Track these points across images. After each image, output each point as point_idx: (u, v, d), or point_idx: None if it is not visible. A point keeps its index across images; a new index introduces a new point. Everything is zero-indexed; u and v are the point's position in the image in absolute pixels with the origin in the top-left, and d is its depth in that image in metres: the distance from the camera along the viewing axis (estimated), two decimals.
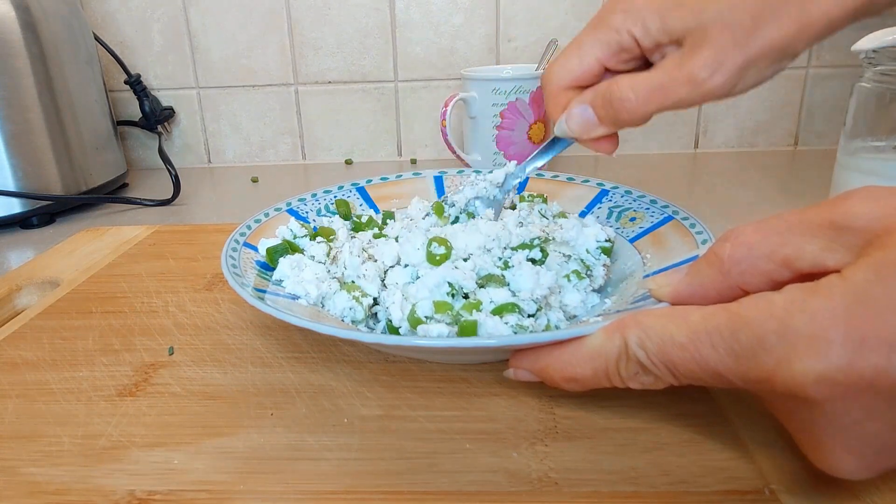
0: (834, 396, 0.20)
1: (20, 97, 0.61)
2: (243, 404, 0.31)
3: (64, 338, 0.38)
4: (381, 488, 0.25)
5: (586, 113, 0.35)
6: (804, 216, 0.23)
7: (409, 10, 0.79)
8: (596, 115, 0.35)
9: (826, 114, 0.81)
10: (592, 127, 0.35)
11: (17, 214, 0.63)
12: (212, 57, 0.82)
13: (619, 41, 0.34)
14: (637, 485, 0.25)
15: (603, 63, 0.35)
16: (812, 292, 0.20)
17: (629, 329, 0.25)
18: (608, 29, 0.34)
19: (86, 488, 0.26)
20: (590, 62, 0.35)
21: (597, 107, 0.35)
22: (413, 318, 0.31)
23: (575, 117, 0.35)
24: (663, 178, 0.73)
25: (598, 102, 0.35)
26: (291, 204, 0.46)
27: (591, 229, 0.38)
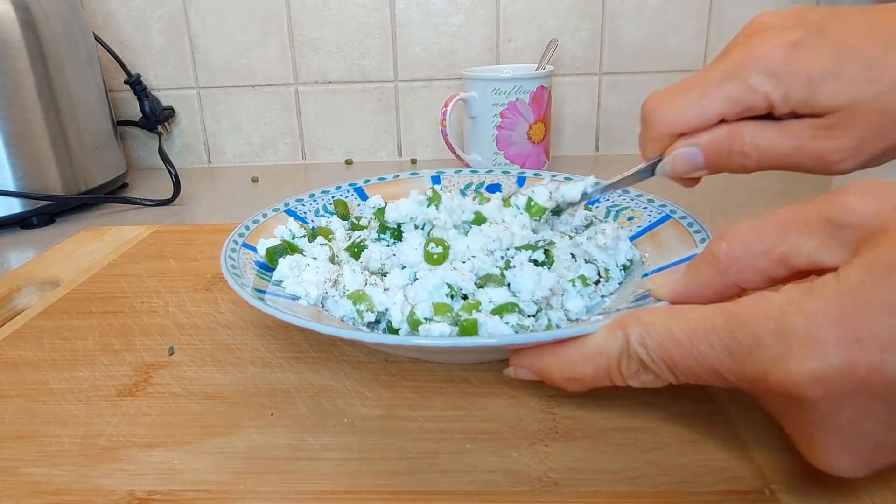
0: (829, 395, 0.20)
1: (20, 97, 0.61)
2: (243, 404, 0.31)
3: (64, 338, 0.38)
4: (381, 488, 0.25)
5: (695, 157, 0.32)
6: (800, 213, 0.23)
7: (409, 10, 0.79)
8: (704, 160, 0.32)
9: None
10: (697, 170, 0.33)
11: (17, 214, 0.63)
12: (212, 57, 0.82)
13: (751, 102, 0.30)
14: (637, 485, 0.25)
15: (724, 118, 0.31)
16: (808, 292, 0.20)
17: (631, 327, 0.25)
18: (741, 86, 0.30)
19: (86, 488, 0.26)
20: (711, 115, 0.31)
21: (709, 153, 0.32)
22: (412, 319, 0.31)
23: (682, 160, 0.33)
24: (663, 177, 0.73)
25: (712, 149, 0.32)
26: (289, 204, 0.46)
27: (624, 244, 0.38)
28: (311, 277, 0.36)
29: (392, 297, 0.34)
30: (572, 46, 0.79)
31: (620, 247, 0.38)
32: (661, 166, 0.34)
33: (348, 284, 0.35)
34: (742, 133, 0.31)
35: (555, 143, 0.84)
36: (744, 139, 0.31)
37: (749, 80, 0.30)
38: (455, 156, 0.72)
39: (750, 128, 0.31)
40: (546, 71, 0.70)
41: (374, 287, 0.35)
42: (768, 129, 0.30)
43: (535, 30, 0.79)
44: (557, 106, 0.82)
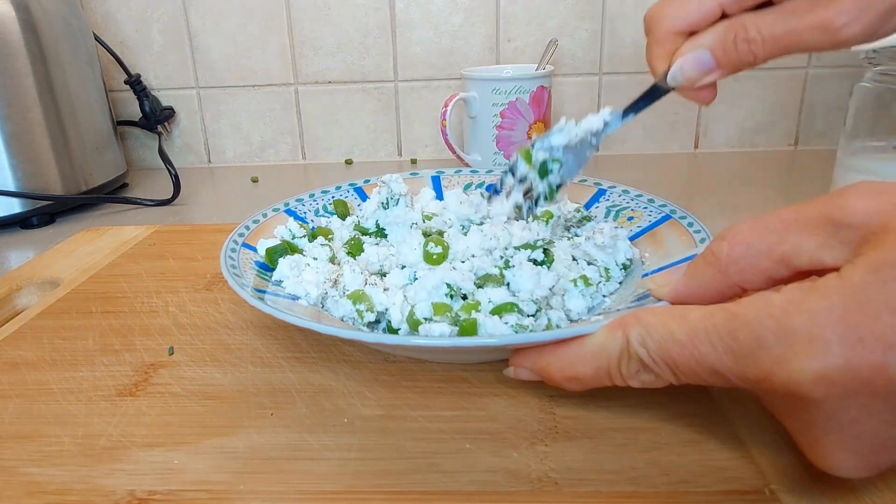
0: (831, 395, 0.20)
1: (20, 97, 0.61)
2: (243, 404, 0.31)
3: (64, 338, 0.38)
4: (381, 488, 0.25)
5: (704, 57, 0.32)
6: (801, 213, 0.23)
7: (409, 10, 0.79)
8: (714, 60, 0.32)
9: (826, 114, 0.81)
10: (709, 72, 0.33)
11: (17, 214, 0.63)
12: (212, 57, 0.82)
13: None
14: (637, 485, 0.25)
15: (724, 7, 0.32)
16: (810, 292, 0.20)
17: (631, 326, 0.25)
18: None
19: (86, 488, 0.26)
20: (711, 5, 0.32)
21: (716, 50, 0.32)
22: (412, 319, 0.31)
23: (691, 63, 0.33)
24: (663, 178, 0.73)
25: (719, 46, 0.32)
26: (289, 204, 0.46)
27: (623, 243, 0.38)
28: (310, 277, 0.36)
29: (392, 297, 0.34)
30: (572, 46, 0.79)
31: (619, 246, 0.38)
32: (672, 74, 0.34)
33: (348, 284, 0.35)
34: (744, 22, 0.31)
35: None
36: (747, 27, 0.31)
37: None
38: (455, 156, 0.72)
39: (751, 16, 0.31)
40: (546, 71, 0.70)
41: (374, 287, 0.35)
42: (769, 13, 0.31)
43: (535, 30, 0.79)
44: (557, 106, 0.82)
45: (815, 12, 0.29)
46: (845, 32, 0.29)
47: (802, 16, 0.30)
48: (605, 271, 0.37)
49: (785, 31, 0.30)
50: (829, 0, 0.29)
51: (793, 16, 0.30)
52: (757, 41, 0.31)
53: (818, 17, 0.29)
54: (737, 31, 0.31)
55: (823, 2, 0.29)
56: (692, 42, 0.33)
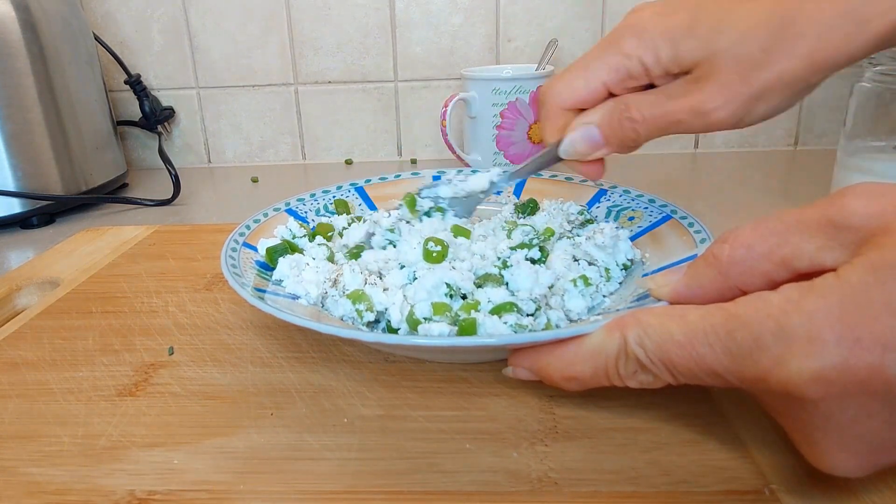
0: (829, 395, 0.20)
1: (20, 97, 0.61)
2: (243, 404, 0.31)
3: (64, 338, 0.38)
4: (381, 488, 0.25)
5: (592, 133, 0.35)
6: (801, 215, 0.23)
7: (409, 10, 0.79)
8: (602, 136, 0.34)
9: (826, 114, 0.81)
10: (596, 147, 0.35)
11: (17, 214, 0.63)
12: (212, 57, 0.82)
13: (628, 67, 0.33)
14: (637, 485, 0.25)
15: (609, 87, 0.34)
16: (808, 292, 0.20)
17: (629, 327, 0.25)
18: (618, 53, 0.33)
19: (86, 488, 0.26)
20: (596, 85, 0.34)
21: (604, 127, 0.34)
22: (412, 319, 0.31)
23: (580, 137, 0.35)
24: (663, 178, 0.73)
25: (605, 123, 0.34)
26: (290, 204, 0.46)
27: (624, 244, 0.38)
28: (310, 277, 0.36)
29: (391, 296, 0.34)
30: (572, 46, 0.79)
31: (620, 246, 0.38)
32: (563, 147, 0.36)
33: (348, 284, 0.35)
34: (627, 102, 0.33)
35: None
36: (630, 107, 0.33)
37: (623, 47, 0.33)
38: (455, 156, 0.72)
39: (634, 97, 0.33)
40: (546, 71, 0.70)
41: (374, 287, 0.35)
42: (650, 94, 0.33)
43: (535, 30, 0.79)
44: None
45: (688, 97, 0.31)
46: (715, 116, 0.31)
47: (677, 99, 0.32)
48: (606, 271, 0.37)
49: (662, 112, 0.32)
50: (700, 87, 0.31)
51: (669, 99, 0.32)
52: (638, 120, 0.33)
53: (690, 101, 0.31)
54: (621, 111, 0.33)
55: (695, 88, 0.31)
56: (582, 118, 0.35)
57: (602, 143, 0.35)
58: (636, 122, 0.33)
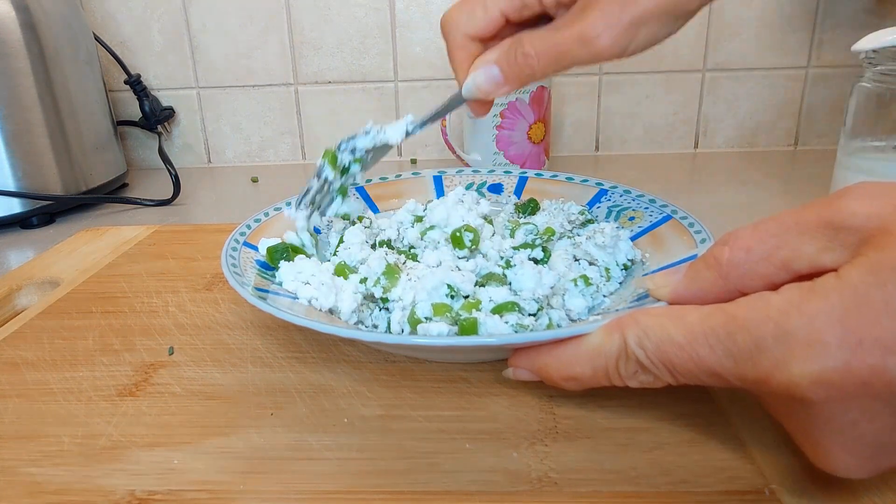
0: (831, 397, 0.20)
1: (20, 97, 0.61)
2: (243, 404, 0.31)
3: (64, 338, 0.38)
4: (381, 488, 0.25)
5: (492, 71, 0.36)
6: (801, 216, 0.23)
7: (409, 10, 0.79)
8: (502, 74, 0.36)
9: (826, 114, 0.81)
10: (499, 86, 0.36)
11: (17, 214, 0.63)
12: (212, 57, 0.82)
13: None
14: (637, 485, 0.25)
15: (506, 15, 0.36)
16: (808, 293, 0.20)
17: (628, 328, 0.25)
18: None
19: (86, 488, 0.26)
20: (494, 14, 0.36)
21: (502, 64, 0.36)
22: (413, 318, 0.31)
23: (482, 76, 0.36)
24: (663, 178, 0.73)
25: (503, 61, 0.35)
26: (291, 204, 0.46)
27: (624, 244, 0.38)
28: (316, 283, 0.36)
29: (402, 290, 0.34)
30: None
31: (621, 246, 0.38)
32: (466, 87, 0.37)
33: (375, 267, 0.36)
34: (522, 39, 0.35)
35: (555, 143, 0.84)
36: (524, 43, 0.35)
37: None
38: (455, 156, 0.72)
39: (528, 33, 0.35)
40: None
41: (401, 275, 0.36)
42: (541, 30, 0.35)
43: None
44: (557, 106, 0.82)
45: (573, 26, 0.33)
46: (598, 43, 0.32)
47: (564, 30, 0.33)
48: (606, 271, 0.37)
49: (552, 44, 0.34)
50: (584, 16, 0.33)
51: (558, 31, 0.34)
52: (531, 55, 0.34)
53: (575, 30, 0.33)
54: (516, 47, 0.35)
55: (580, 17, 0.33)
56: (481, 58, 0.37)
57: (502, 81, 0.36)
58: (530, 56, 0.34)
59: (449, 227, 0.39)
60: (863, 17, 0.76)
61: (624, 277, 0.37)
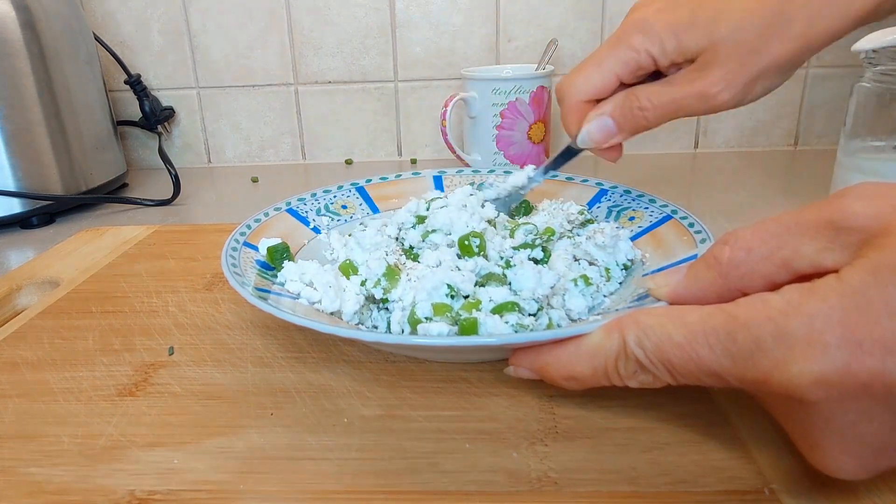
0: (830, 398, 0.20)
1: (20, 97, 0.61)
2: (243, 404, 0.31)
3: (64, 338, 0.38)
4: (381, 488, 0.25)
5: (606, 123, 0.38)
6: (801, 217, 0.23)
7: (409, 10, 0.79)
8: (615, 125, 0.38)
9: (826, 114, 0.81)
10: (612, 136, 0.39)
11: (17, 214, 0.63)
12: (212, 57, 0.82)
13: (637, 60, 0.37)
14: (637, 485, 0.25)
15: (621, 79, 0.38)
16: (809, 294, 0.20)
17: (628, 328, 0.25)
18: (627, 48, 0.37)
19: (86, 488, 0.26)
20: (609, 78, 0.38)
21: (616, 117, 0.38)
22: (413, 319, 0.31)
23: (596, 128, 0.38)
24: (663, 178, 0.73)
25: (618, 113, 0.38)
26: (291, 204, 0.46)
27: (624, 244, 0.38)
28: (349, 289, 0.36)
29: (402, 290, 0.34)
30: (572, 46, 0.79)
31: (621, 246, 0.38)
32: (581, 137, 0.40)
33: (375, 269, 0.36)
34: (637, 93, 0.37)
35: (555, 143, 0.84)
36: (639, 97, 0.37)
37: (631, 42, 0.36)
38: (455, 156, 0.72)
39: (643, 87, 0.37)
40: (546, 71, 0.70)
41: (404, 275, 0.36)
42: (657, 84, 0.37)
43: (535, 30, 0.79)
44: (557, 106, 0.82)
45: (693, 84, 0.35)
46: (719, 99, 0.35)
47: (683, 86, 0.36)
48: (606, 271, 0.37)
49: (670, 99, 0.36)
50: (704, 74, 0.35)
51: (676, 87, 0.36)
52: (648, 108, 0.37)
53: (696, 88, 0.35)
54: (632, 101, 0.37)
55: (699, 75, 0.35)
56: (597, 110, 0.39)
57: (615, 132, 0.38)
58: (646, 109, 0.37)
59: (453, 233, 0.38)
60: None
61: (624, 277, 0.37)
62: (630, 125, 0.38)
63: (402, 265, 0.37)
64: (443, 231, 0.39)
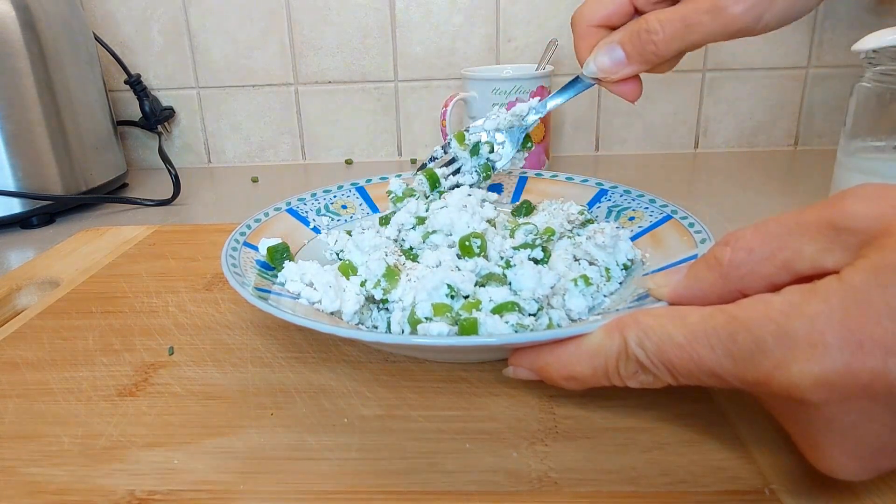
0: (831, 399, 0.20)
1: (20, 97, 0.61)
2: (243, 404, 0.31)
3: (64, 338, 0.38)
4: (381, 488, 0.25)
5: (615, 51, 0.36)
6: (802, 218, 0.23)
7: (409, 10, 0.79)
8: (625, 53, 0.35)
9: (826, 114, 0.81)
10: (621, 66, 0.36)
11: (17, 214, 0.63)
12: (212, 57, 0.82)
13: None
14: (637, 485, 0.25)
15: (635, 4, 0.35)
16: (810, 295, 0.20)
17: (628, 328, 0.25)
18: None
19: (86, 488, 0.26)
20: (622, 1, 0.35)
21: (625, 44, 0.35)
22: (413, 319, 0.31)
23: (604, 56, 0.36)
24: (663, 178, 0.73)
25: (626, 39, 0.35)
26: (291, 203, 0.46)
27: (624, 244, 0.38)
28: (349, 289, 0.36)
29: (402, 290, 0.34)
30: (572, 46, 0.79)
31: (620, 246, 0.38)
32: (587, 66, 0.38)
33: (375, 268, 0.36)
34: (647, 17, 0.34)
35: (555, 143, 0.84)
36: (648, 19, 0.34)
37: None
38: None
39: (654, 11, 0.34)
40: (546, 71, 0.70)
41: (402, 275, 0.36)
42: (670, 7, 0.34)
43: (535, 30, 0.79)
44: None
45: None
46: (732, 10, 0.31)
47: (696, 2, 0.32)
48: (606, 271, 0.37)
49: (680, 16, 0.33)
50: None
51: (687, 4, 0.33)
52: (657, 31, 0.34)
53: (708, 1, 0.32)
54: (641, 24, 0.34)
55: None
56: (606, 39, 0.36)
57: (625, 61, 0.36)
58: (654, 32, 0.34)
59: (454, 233, 0.38)
60: (863, 17, 0.76)
61: (624, 277, 0.37)
62: (639, 53, 0.35)
63: (401, 266, 0.37)
64: (443, 232, 0.39)
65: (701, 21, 0.32)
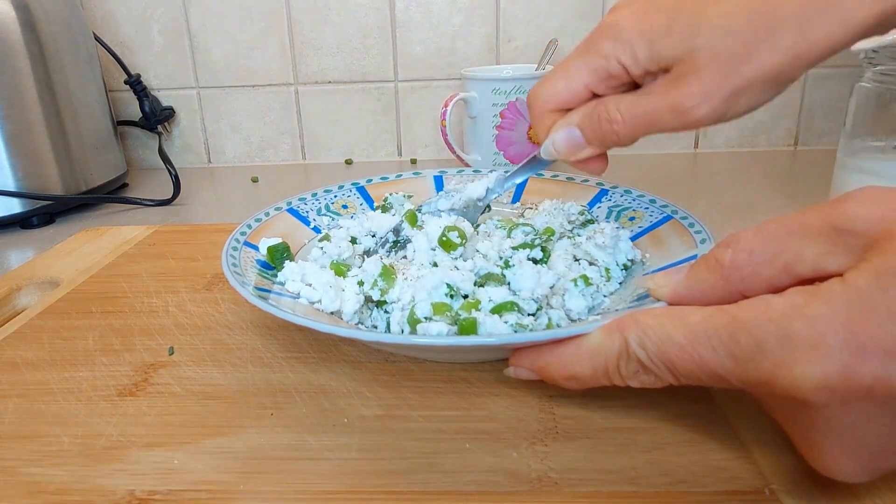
0: (832, 401, 0.20)
1: (20, 97, 0.61)
2: (243, 404, 0.31)
3: (64, 338, 0.38)
4: (381, 488, 0.25)
5: (573, 134, 0.35)
6: (804, 220, 0.22)
7: (409, 10, 0.79)
8: (583, 136, 0.34)
9: (826, 114, 0.81)
10: (579, 148, 0.35)
11: (17, 214, 0.63)
12: (212, 57, 0.82)
13: (607, 67, 0.33)
14: (637, 485, 0.25)
15: (590, 88, 0.34)
16: (812, 297, 0.20)
17: (629, 328, 0.25)
18: (596, 55, 0.33)
19: (86, 488, 0.26)
20: (577, 86, 0.34)
21: (584, 128, 0.34)
22: (412, 318, 0.31)
23: (562, 138, 0.35)
24: (663, 178, 0.73)
25: (584, 123, 0.34)
26: (291, 203, 0.46)
27: (624, 244, 0.38)
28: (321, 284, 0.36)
29: (400, 289, 0.34)
30: (572, 46, 0.79)
31: (621, 246, 0.38)
32: (544, 148, 0.36)
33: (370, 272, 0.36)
34: (606, 103, 0.33)
35: None
36: (608, 107, 0.33)
37: (601, 49, 0.33)
38: (455, 156, 0.72)
39: (614, 98, 0.33)
40: (546, 71, 0.70)
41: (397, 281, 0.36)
42: (630, 95, 0.33)
43: (535, 30, 0.79)
44: None
45: (668, 95, 0.31)
46: (695, 114, 0.30)
47: (657, 98, 0.31)
48: (606, 271, 0.37)
49: (642, 111, 0.32)
50: (679, 84, 0.30)
51: (650, 97, 0.32)
52: (618, 121, 0.33)
53: (670, 100, 0.31)
54: (600, 111, 0.33)
55: (674, 86, 0.31)
56: (563, 120, 0.35)
57: (584, 143, 0.35)
58: (615, 122, 0.33)
59: (431, 238, 0.38)
60: None
61: (624, 277, 0.37)
62: (598, 137, 0.34)
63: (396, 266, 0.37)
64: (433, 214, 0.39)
65: (662, 119, 0.31)
